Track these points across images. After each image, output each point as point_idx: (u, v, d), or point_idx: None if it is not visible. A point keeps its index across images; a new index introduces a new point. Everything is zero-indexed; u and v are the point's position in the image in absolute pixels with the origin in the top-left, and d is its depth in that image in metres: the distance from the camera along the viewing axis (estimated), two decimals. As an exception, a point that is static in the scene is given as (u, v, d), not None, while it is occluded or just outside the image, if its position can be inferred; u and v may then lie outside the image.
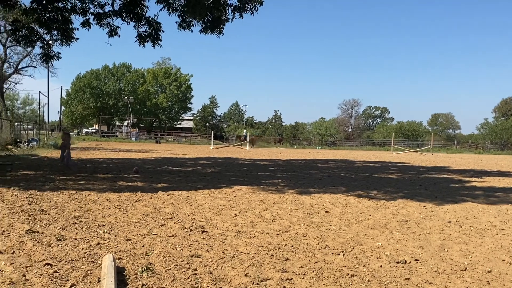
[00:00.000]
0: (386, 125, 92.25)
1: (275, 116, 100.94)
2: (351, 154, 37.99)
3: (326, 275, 3.60)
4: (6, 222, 5.01)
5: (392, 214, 6.70)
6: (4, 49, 34.82)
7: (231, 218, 5.91)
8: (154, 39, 14.32)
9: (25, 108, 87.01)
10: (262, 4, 12.37)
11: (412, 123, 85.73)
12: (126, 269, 3.54)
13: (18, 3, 12.86)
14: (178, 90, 77.62)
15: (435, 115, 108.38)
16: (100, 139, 52.65)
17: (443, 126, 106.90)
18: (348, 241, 4.82)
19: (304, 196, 8.32)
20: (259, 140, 66.13)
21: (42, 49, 14.89)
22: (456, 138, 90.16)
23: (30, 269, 3.42)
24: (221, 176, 11.92)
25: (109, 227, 5.03)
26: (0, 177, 9.53)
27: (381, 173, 15.25)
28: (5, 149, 18.80)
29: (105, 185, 8.79)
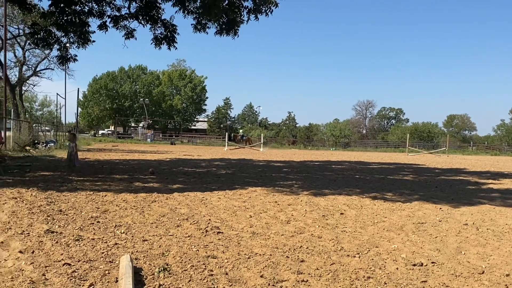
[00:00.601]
0: (401, 127, 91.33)
1: (289, 117, 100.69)
2: (365, 155, 37.73)
3: (342, 277, 3.60)
4: (25, 222, 5.11)
5: (408, 216, 6.65)
6: (23, 52, 35.43)
7: (246, 219, 5.93)
8: (170, 41, 14.45)
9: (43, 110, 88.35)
10: (278, 6, 12.40)
11: (427, 124, 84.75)
12: (143, 269, 3.59)
13: (36, 6, 13.11)
14: (192, 91, 78.10)
15: (451, 116, 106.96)
16: (116, 141, 53.20)
17: (459, 127, 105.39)
18: (364, 243, 4.80)
19: (318, 197, 8.30)
20: (272, 142, 66.11)
21: (60, 51, 15.14)
22: (472, 139, 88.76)
23: (50, 269, 3.48)
24: (235, 177, 11.96)
25: (126, 227, 5.09)
26: (19, 178, 9.71)
27: (396, 175, 15.12)
28: (24, 150, 19.12)
29: (122, 186, 8.90)
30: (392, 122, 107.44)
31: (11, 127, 21.93)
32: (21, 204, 6.29)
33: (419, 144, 65.42)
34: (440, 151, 47.67)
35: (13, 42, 34.40)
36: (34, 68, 37.85)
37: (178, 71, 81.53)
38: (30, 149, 20.08)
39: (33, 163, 14.08)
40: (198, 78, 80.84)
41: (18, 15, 27.81)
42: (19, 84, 35.79)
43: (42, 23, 13.18)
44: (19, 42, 34.80)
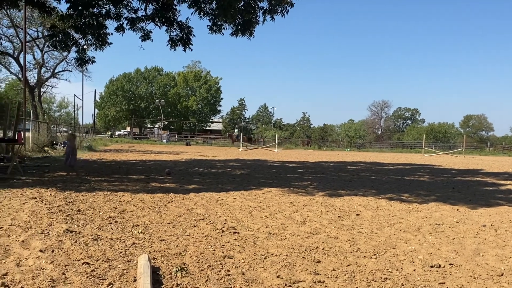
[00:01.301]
0: (416, 127, 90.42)
1: (303, 118, 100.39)
2: (381, 156, 37.43)
3: (359, 278, 3.59)
4: (45, 221, 5.19)
5: (424, 217, 6.59)
6: (42, 54, 35.97)
7: (262, 219, 5.94)
8: (185, 43, 14.55)
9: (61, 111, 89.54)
10: (293, 6, 12.41)
11: (444, 124, 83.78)
12: (161, 268, 3.63)
13: (55, 9, 13.33)
14: (207, 93, 78.51)
15: (468, 117, 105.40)
16: (133, 141, 53.74)
17: (476, 127, 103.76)
18: (381, 244, 4.78)
19: (334, 198, 8.28)
20: (287, 142, 65.98)
21: (78, 53, 15.37)
22: (489, 140, 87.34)
23: (69, 268, 3.53)
24: (250, 178, 11.99)
25: (143, 227, 5.15)
26: (39, 178, 9.88)
27: (412, 175, 14.98)
28: (42, 151, 19.45)
29: (139, 186, 8.99)
30: (407, 123, 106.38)
31: (30, 128, 22.33)
32: (40, 204, 6.40)
33: (435, 144, 64.67)
34: (456, 151, 47.04)
35: (32, 45, 34.98)
36: (52, 70, 38.42)
37: (194, 72, 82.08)
38: (49, 150, 20.42)
39: (51, 163, 14.32)
40: (213, 79, 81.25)
41: (37, 18, 28.31)
42: (38, 86, 36.37)
43: (60, 26, 13.40)
44: (38, 45, 35.38)
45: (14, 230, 4.68)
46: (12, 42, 33.48)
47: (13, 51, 33.88)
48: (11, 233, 4.53)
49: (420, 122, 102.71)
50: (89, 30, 13.83)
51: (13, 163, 10.60)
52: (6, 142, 12.47)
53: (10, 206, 6.09)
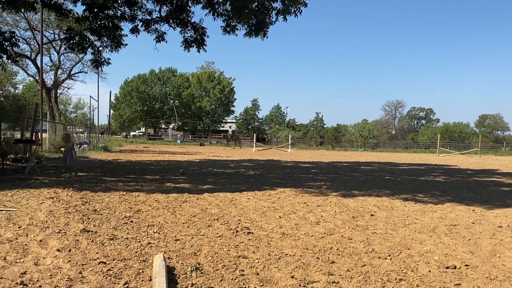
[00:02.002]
0: (431, 127, 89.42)
1: (316, 118, 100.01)
2: (395, 156, 37.10)
3: (373, 279, 3.57)
4: (62, 221, 5.28)
5: (440, 218, 6.53)
6: (58, 56, 36.55)
7: (276, 220, 5.95)
8: (199, 44, 14.62)
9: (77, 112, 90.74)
10: (306, 6, 12.38)
11: (459, 124, 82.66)
12: (176, 268, 3.66)
13: (71, 12, 13.52)
14: (221, 93, 78.75)
15: (483, 116, 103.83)
16: (147, 142, 54.17)
17: (491, 127, 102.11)
18: (395, 245, 4.75)
19: (348, 199, 8.24)
20: (300, 143, 65.81)
21: (93, 55, 15.56)
22: (505, 140, 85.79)
23: (86, 267, 3.58)
24: (264, 178, 12.00)
25: (158, 227, 5.20)
26: (55, 178, 10.04)
27: (427, 176, 14.83)
28: (59, 151, 19.71)
29: (153, 187, 9.07)
30: (422, 123, 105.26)
31: (47, 129, 22.66)
32: (57, 203, 6.50)
33: (450, 144, 63.87)
34: (472, 151, 46.37)
35: (49, 47, 35.56)
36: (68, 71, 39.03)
37: (207, 73, 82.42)
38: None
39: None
40: (226, 80, 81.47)
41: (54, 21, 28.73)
42: (55, 87, 36.95)
43: (76, 28, 13.58)
44: (55, 47, 35.97)
45: (32, 229, 4.77)
46: (30, 45, 34.12)
47: (31, 53, 34.50)
48: (29, 233, 4.61)
49: (434, 122, 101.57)
50: (105, 32, 13.99)
51: (31, 164, 10.79)
52: (24, 143, 12.69)
53: (28, 206, 6.20)
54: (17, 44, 11.61)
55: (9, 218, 5.32)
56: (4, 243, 4.16)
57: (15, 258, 3.74)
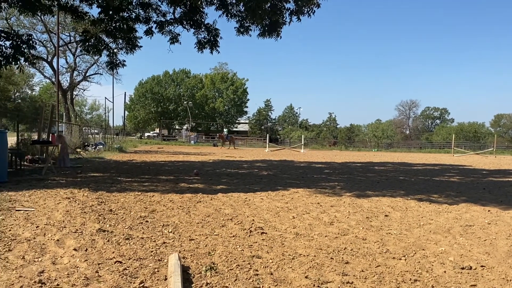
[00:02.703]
0: (446, 127, 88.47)
1: (329, 118, 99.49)
2: (409, 156, 36.76)
3: (388, 280, 3.56)
4: (79, 221, 5.35)
5: (455, 218, 6.47)
6: (74, 58, 37.01)
7: (289, 220, 5.96)
8: (213, 45, 14.70)
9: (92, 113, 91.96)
10: (319, 6, 12.35)
11: (474, 124, 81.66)
12: (191, 268, 3.69)
13: (87, 14, 13.71)
14: (234, 94, 78.95)
15: (498, 116, 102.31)
16: (161, 143, 54.60)
17: (507, 127, 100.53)
18: (410, 245, 4.72)
19: (362, 199, 8.21)
20: (313, 143, 65.60)
21: (108, 57, 15.75)
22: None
23: (102, 266, 3.63)
24: (277, 178, 12.00)
25: (173, 227, 5.25)
26: (72, 178, 10.17)
27: (442, 176, 14.68)
28: (75, 152, 19.98)
29: (168, 187, 9.14)
30: (436, 122, 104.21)
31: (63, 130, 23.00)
32: (74, 204, 6.59)
33: (465, 144, 63.07)
34: (487, 151, 45.73)
35: (65, 49, 36.04)
36: (84, 73, 39.51)
37: (220, 74, 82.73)
38: (81, 151, 20.95)
39: (83, 164, 14.69)
40: (239, 81, 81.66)
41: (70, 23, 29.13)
42: (70, 89, 37.42)
43: (92, 30, 13.77)
44: (70, 49, 36.43)
45: (50, 229, 4.84)
46: (46, 47, 34.65)
47: (47, 55, 35.02)
48: (46, 232, 4.68)
49: (449, 122, 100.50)
50: (120, 34, 14.16)
51: (48, 164, 10.95)
52: (41, 144, 12.87)
53: (45, 206, 6.29)
54: (34, 46, 11.78)
55: (27, 218, 5.41)
56: (22, 242, 4.24)
57: (33, 257, 3.80)
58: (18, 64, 11.29)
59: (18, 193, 7.36)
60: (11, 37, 10.98)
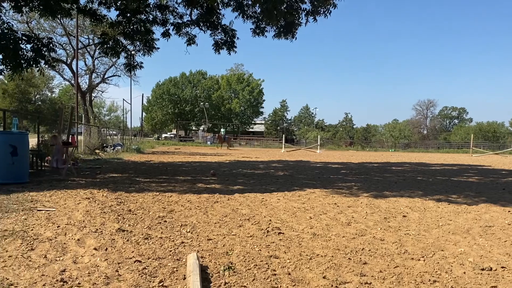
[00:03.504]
0: (464, 126, 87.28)
1: (345, 118, 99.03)
2: (426, 156, 36.31)
3: (407, 280, 3.54)
4: (98, 221, 5.43)
5: (474, 219, 6.38)
6: (93, 60, 37.53)
7: (306, 220, 5.96)
8: (229, 46, 14.78)
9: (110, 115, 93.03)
10: (336, 7, 12.30)
11: (493, 123, 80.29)
12: (209, 267, 3.71)
13: (105, 17, 13.92)
14: (250, 95, 79.13)
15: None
16: (178, 143, 54.95)
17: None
18: (429, 246, 4.68)
19: (379, 199, 8.15)
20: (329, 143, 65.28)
21: (126, 59, 15.96)
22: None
23: (122, 265, 3.68)
24: (293, 179, 11.99)
25: (191, 227, 5.29)
26: (91, 179, 10.33)
27: (460, 176, 14.47)
28: (94, 153, 20.28)
29: (185, 187, 9.22)
30: (454, 122, 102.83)
31: (82, 131, 23.35)
32: (93, 204, 6.68)
33: (484, 144, 62.01)
34: (506, 151, 44.83)
35: (84, 52, 36.59)
36: (102, 75, 40.01)
37: (236, 75, 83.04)
38: (100, 152, 21.26)
39: (102, 165, 14.90)
40: (255, 82, 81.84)
41: (89, 26, 29.56)
42: (89, 91, 37.96)
43: (110, 33, 13.97)
44: (89, 51, 36.97)
45: (70, 229, 4.93)
46: (65, 50, 35.19)
47: (66, 58, 35.58)
48: (67, 232, 4.76)
49: (467, 122, 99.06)
50: (137, 36, 14.34)
51: (68, 165, 11.13)
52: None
53: (66, 206, 6.40)
54: (54, 49, 12.01)
55: (49, 217, 5.51)
56: (44, 242, 4.32)
57: (55, 256, 3.88)
58: (39, 66, 11.51)
59: (39, 194, 7.51)
60: (32, 41, 11.21)
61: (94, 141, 22.99)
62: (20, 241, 4.32)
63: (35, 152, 12.47)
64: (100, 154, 20.52)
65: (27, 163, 9.39)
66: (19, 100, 64.42)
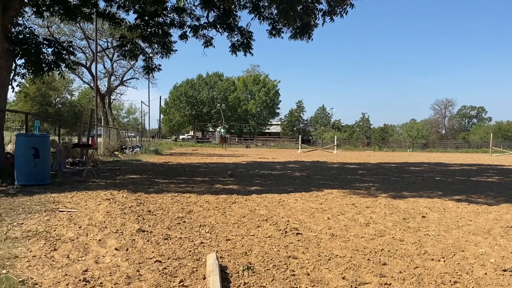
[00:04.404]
0: (483, 126, 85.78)
1: (362, 118, 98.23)
2: (445, 156, 35.80)
3: (427, 281, 3.52)
4: (119, 221, 5.51)
5: (495, 219, 6.29)
6: (111, 63, 38.01)
7: (324, 221, 5.95)
8: (246, 47, 14.83)
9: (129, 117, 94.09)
10: (353, 7, 12.23)
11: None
12: (228, 267, 3.74)
13: (124, 20, 14.13)
14: (266, 96, 79.20)
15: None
16: (196, 145, 55.33)
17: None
18: (449, 247, 4.64)
19: (398, 200, 8.09)
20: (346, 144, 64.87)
21: (144, 62, 16.17)
22: None
23: (143, 265, 3.73)
24: (310, 179, 11.97)
25: (210, 227, 5.34)
26: (111, 180, 10.48)
27: (480, 176, 14.24)
28: (113, 155, 20.55)
29: (203, 188, 9.28)
30: (473, 121, 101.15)
31: (101, 133, 23.70)
32: (114, 205, 6.78)
33: (503, 144, 60.82)
34: (527, 151, 43.97)
35: (103, 55, 37.05)
36: (121, 78, 40.48)
37: (252, 76, 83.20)
38: (119, 154, 21.53)
39: (122, 167, 15.10)
40: (271, 83, 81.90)
41: (107, 29, 29.98)
42: (108, 94, 38.43)
43: (129, 36, 14.18)
44: (108, 54, 37.43)
45: (91, 229, 5.01)
46: (85, 53, 35.69)
47: (86, 61, 36.09)
48: (88, 232, 4.85)
49: (486, 121, 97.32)
50: (155, 39, 14.52)
51: (88, 167, 11.32)
52: (81, 147, 13.31)
53: (87, 207, 6.52)
54: (74, 53, 12.23)
55: (70, 218, 5.62)
56: (67, 242, 4.41)
57: (77, 256, 3.95)
58: (59, 70, 11.73)
59: (61, 195, 7.65)
60: (53, 44, 11.43)
61: (113, 143, 23.29)
62: (44, 241, 4.42)
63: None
64: (119, 156, 20.79)
65: (48, 165, 9.57)
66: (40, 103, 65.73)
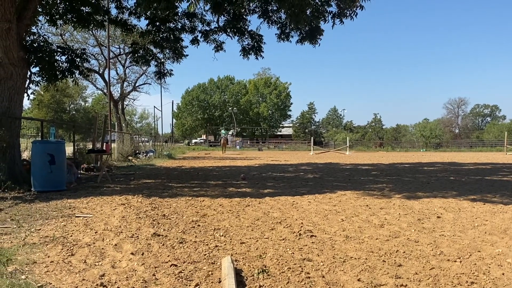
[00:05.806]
0: (497, 124, 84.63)
1: (374, 119, 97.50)
2: (459, 156, 35.41)
3: (443, 282, 3.49)
4: (134, 226, 5.57)
5: (511, 219, 6.21)
6: (124, 69, 38.38)
7: (338, 223, 5.93)
8: (257, 51, 14.90)
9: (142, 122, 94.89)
10: (363, 9, 12.18)
11: (528, 120, 77.57)
12: (243, 270, 3.75)
13: (136, 26, 14.30)
14: (277, 98, 79.27)
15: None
16: (208, 149, 55.54)
17: None
18: (465, 247, 4.59)
19: (412, 200, 8.03)
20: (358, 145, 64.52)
21: (156, 67, 16.33)
22: None
23: (159, 269, 3.75)
24: (323, 181, 11.94)
25: (224, 230, 5.36)
26: (125, 185, 10.59)
27: (495, 175, 14.06)
28: (127, 160, 20.74)
29: (217, 191, 9.32)
30: (487, 120, 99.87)
31: (115, 139, 23.93)
32: (129, 209, 6.85)
33: (518, 142, 59.93)
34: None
35: (115, 61, 37.41)
36: (133, 83, 40.82)
37: (264, 79, 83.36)
38: (132, 159, 21.72)
39: (136, 171, 15.23)
40: (282, 85, 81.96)
41: (119, 36, 30.28)
42: (121, 99, 38.79)
43: (140, 42, 14.34)
44: (120, 61, 37.80)
45: (107, 234, 5.07)
46: (97, 60, 36.05)
47: (99, 67, 36.47)
48: (105, 237, 4.90)
49: (500, 119, 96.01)
50: (167, 44, 14.67)
51: (102, 172, 11.45)
52: (96, 152, 13.46)
53: (102, 212, 6.60)
54: (87, 60, 12.39)
55: (86, 223, 5.69)
56: (83, 247, 4.46)
57: (94, 261, 4.00)
58: (73, 77, 11.90)
59: (77, 200, 7.76)
60: (67, 52, 11.60)
61: (127, 148, 23.49)
62: (61, 246, 4.48)
63: (71, 160, 12.84)
64: (133, 161, 20.97)
65: (64, 171, 9.70)
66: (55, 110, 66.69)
